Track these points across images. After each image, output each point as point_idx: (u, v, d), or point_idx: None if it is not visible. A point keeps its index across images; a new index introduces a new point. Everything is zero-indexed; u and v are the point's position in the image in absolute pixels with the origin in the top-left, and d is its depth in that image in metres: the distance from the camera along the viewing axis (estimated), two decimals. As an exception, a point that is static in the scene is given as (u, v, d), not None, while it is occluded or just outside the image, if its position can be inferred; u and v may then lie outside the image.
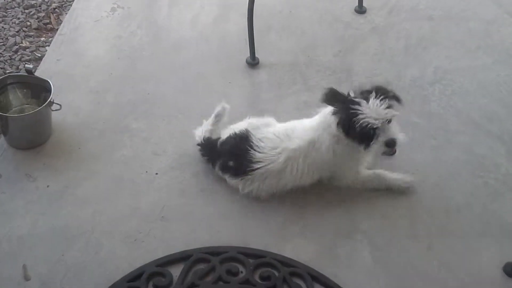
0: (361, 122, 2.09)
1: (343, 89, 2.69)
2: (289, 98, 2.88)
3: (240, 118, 2.71)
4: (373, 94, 2.13)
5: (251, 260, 2.15)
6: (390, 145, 2.18)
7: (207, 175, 2.45)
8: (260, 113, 2.76)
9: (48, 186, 2.33)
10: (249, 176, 2.26)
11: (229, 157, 2.30)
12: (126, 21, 3.26)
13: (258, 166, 2.23)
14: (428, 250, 2.30)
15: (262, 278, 2.11)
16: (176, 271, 2.09)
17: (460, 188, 2.57)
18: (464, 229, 2.40)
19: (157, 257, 2.12)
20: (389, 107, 2.13)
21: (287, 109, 2.80)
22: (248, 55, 3.04)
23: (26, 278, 2.01)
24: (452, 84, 3.11)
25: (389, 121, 2.15)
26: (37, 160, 2.43)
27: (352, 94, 2.20)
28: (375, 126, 2.10)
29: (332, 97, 2.22)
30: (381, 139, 2.15)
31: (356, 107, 2.12)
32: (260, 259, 2.16)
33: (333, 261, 2.18)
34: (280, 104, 2.84)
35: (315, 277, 2.11)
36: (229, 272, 2.11)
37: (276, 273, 2.12)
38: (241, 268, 2.13)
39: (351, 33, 3.37)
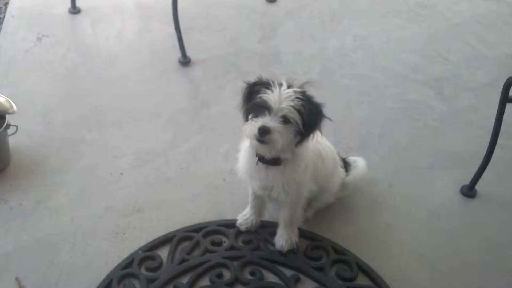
0: (261, 94, 1.80)
1: (274, 69, 2.89)
2: (227, 86, 3.01)
3: (185, 111, 2.83)
4: (285, 85, 1.82)
5: (230, 230, 2.25)
6: (261, 132, 1.79)
7: (169, 167, 2.53)
8: (203, 103, 2.89)
9: (20, 204, 2.32)
10: None
11: None
12: (55, 46, 3.29)
13: None
14: (389, 187, 2.48)
15: (245, 242, 2.21)
16: (163, 253, 2.15)
17: (403, 132, 2.79)
18: (417, 165, 2.61)
19: (142, 245, 2.18)
20: (296, 107, 1.79)
21: (228, 96, 2.94)
22: (179, 55, 3.15)
23: (21, 288, 2.02)
24: (372, 47, 3.36)
25: (285, 119, 1.81)
26: (3, 183, 2.42)
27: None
28: (268, 104, 1.79)
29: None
30: (260, 121, 1.81)
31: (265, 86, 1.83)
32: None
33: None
34: (220, 93, 2.97)
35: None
36: (213, 243, 2.20)
37: (257, 235, 2.23)
38: (223, 238, 2.22)
39: (268, 20, 3.57)
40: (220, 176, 2.49)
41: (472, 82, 3.16)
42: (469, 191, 2.48)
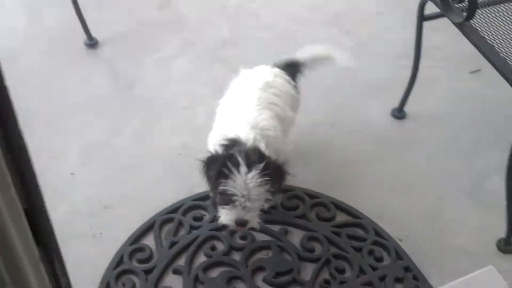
0: (223, 186, 1.78)
1: (186, 35, 2.87)
2: (145, 62, 2.91)
3: (113, 95, 2.72)
4: (244, 167, 1.76)
5: (207, 202, 2.25)
6: (239, 224, 1.86)
7: (119, 156, 2.46)
8: (129, 84, 2.79)
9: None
10: None
11: None
12: None
13: None
14: (332, 126, 2.62)
15: (224, 210, 2.23)
16: (150, 242, 2.13)
17: (325, 73, 2.81)
18: (347, 100, 2.76)
19: (124, 240, 2.12)
20: (264, 187, 1.79)
21: (151, 72, 2.87)
22: (83, 38, 2.97)
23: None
24: (268, -4, 3.41)
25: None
26: None
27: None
28: (235, 197, 1.78)
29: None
30: (234, 213, 1.83)
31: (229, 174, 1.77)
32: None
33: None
34: (141, 70, 2.88)
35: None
36: (195, 218, 2.20)
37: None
38: (203, 212, 2.23)
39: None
40: (175, 152, 2.46)
41: (366, 13, 3.35)
42: (399, 113, 2.69)
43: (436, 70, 2.89)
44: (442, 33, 2.95)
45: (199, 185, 2.29)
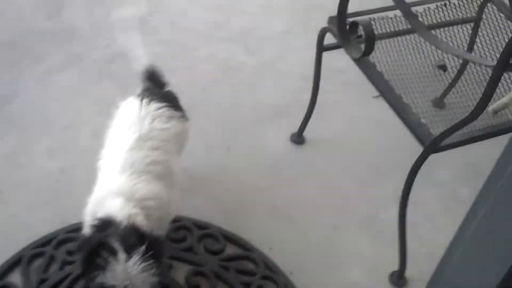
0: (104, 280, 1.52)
1: (73, 47, 2.61)
2: (25, 75, 2.66)
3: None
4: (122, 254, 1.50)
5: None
6: None
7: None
8: (3, 98, 2.53)
9: None
10: None
11: None
12: None
13: None
14: (227, 150, 2.48)
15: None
16: (16, 279, 1.90)
17: (223, 93, 2.77)
18: (245, 123, 2.63)
19: (-13, 279, 1.89)
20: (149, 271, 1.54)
21: (29, 86, 2.63)
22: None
23: None
24: (168, 8, 3.26)
25: None
26: None
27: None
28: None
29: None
30: None
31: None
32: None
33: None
34: (19, 84, 2.62)
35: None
36: (70, 253, 1.99)
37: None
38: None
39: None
40: (52, 178, 2.24)
41: (271, 31, 3.25)
42: (298, 138, 2.58)
43: (338, 94, 2.82)
44: (346, 56, 2.89)
45: (76, 214, 2.10)
